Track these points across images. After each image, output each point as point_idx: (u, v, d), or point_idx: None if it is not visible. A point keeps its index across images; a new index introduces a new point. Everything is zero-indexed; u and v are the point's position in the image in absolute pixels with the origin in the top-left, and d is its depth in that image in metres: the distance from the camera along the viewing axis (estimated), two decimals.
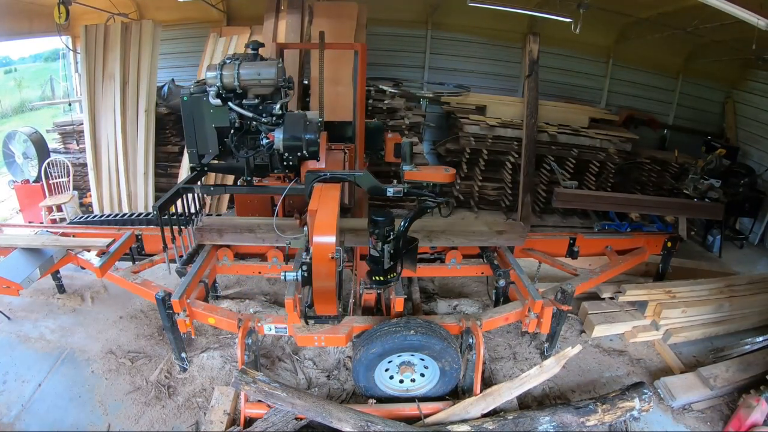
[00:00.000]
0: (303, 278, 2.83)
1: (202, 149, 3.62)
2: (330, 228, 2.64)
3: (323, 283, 2.56)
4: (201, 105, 3.44)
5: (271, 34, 6.55)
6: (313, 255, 2.57)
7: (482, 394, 3.29)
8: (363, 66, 4.57)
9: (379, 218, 2.98)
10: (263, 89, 3.42)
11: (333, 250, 2.60)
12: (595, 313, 4.43)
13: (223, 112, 3.44)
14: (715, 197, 6.16)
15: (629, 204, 6.24)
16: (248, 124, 3.53)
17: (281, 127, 3.46)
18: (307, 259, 2.79)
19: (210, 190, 3.82)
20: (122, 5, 7.38)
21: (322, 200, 2.98)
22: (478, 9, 6.51)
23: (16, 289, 3.57)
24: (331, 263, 2.58)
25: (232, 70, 3.28)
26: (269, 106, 3.48)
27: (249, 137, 3.60)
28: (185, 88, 3.49)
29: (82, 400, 3.46)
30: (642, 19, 6.85)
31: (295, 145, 3.49)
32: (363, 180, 3.36)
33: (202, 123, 3.50)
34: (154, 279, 3.93)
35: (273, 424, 3.06)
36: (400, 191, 3.30)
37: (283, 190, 3.55)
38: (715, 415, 3.53)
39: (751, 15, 3.83)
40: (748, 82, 7.40)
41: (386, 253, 3.01)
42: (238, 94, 3.40)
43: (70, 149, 7.15)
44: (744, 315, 4.46)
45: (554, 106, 7.52)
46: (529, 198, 6.84)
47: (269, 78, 3.33)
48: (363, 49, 4.48)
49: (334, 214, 2.81)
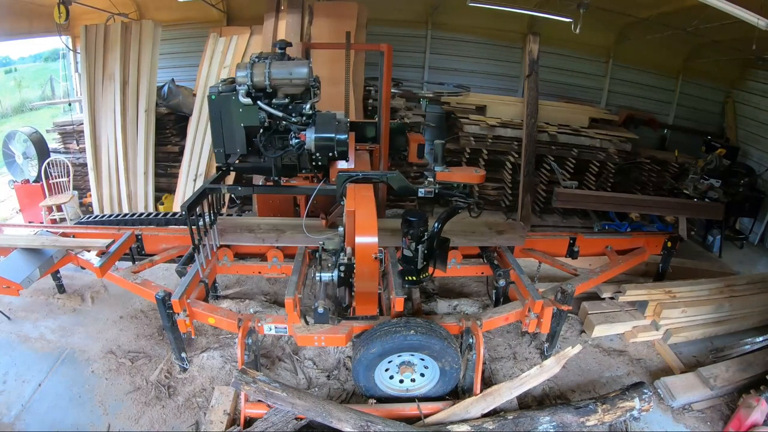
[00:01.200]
0: (339, 279, 2.82)
1: (230, 149, 3.57)
2: (372, 228, 2.65)
3: (366, 283, 2.56)
4: (229, 104, 3.40)
5: (271, 34, 6.55)
6: (356, 256, 2.55)
7: (482, 394, 3.29)
8: (389, 67, 4.54)
9: (413, 218, 2.97)
10: (294, 89, 3.40)
11: (376, 250, 2.60)
12: (595, 313, 4.43)
13: (253, 111, 3.40)
14: (715, 197, 6.17)
15: (629, 204, 6.24)
16: (277, 123, 3.50)
17: (312, 127, 3.44)
18: (344, 259, 2.78)
19: (237, 189, 3.76)
20: (122, 5, 7.38)
21: (358, 201, 2.98)
22: (478, 9, 6.52)
23: (16, 289, 3.58)
24: (375, 263, 2.59)
25: (263, 69, 3.26)
26: (299, 106, 3.46)
27: (277, 137, 3.57)
28: (213, 87, 3.44)
29: (82, 400, 3.46)
30: (642, 19, 6.85)
31: (327, 145, 3.47)
32: (394, 180, 3.36)
33: (230, 122, 3.44)
34: (154, 279, 3.93)
35: (273, 424, 3.06)
36: (431, 192, 3.32)
37: (310, 190, 3.53)
38: (715, 415, 3.53)
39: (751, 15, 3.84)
40: (748, 82, 7.40)
41: (420, 254, 3.01)
42: (267, 94, 3.38)
43: (70, 149, 7.15)
44: (744, 315, 4.46)
45: (554, 106, 7.53)
46: (529, 198, 6.83)
47: (301, 77, 3.31)
48: (389, 50, 4.46)
49: (373, 214, 2.81)
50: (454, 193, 3.30)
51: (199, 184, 6.34)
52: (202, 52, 6.89)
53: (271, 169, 3.70)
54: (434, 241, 3.14)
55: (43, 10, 6.80)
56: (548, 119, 7.18)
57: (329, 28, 6.43)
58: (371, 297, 2.64)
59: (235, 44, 6.71)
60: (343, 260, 2.80)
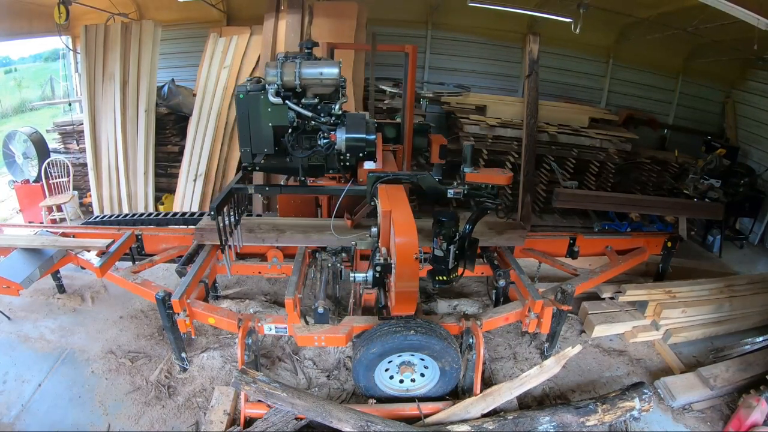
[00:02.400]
0: (374, 279, 2.82)
1: (257, 148, 3.52)
2: (411, 229, 2.65)
3: (407, 283, 2.57)
4: (258, 103, 3.36)
5: (271, 34, 6.55)
6: (397, 256, 2.56)
7: (482, 394, 3.29)
8: (413, 68, 4.53)
9: (445, 218, 2.97)
10: (324, 89, 3.39)
11: (417, 250, 2.60)
12: (595, 313, 4.43)
13: (282, 110, 3.37)
14: (715, 197, 6.17)
15: (629, 204, 6.24)
16: (305, 123, 3.48)
17: (342, 127, 3.43)
18: (380, 260, 2.78)
19: (265, 189, 3.74)
20: (122, 5, 7.38)
21: (393, 201, 2.98)
22: (478, 9, 6.52)
23: (16, 289, 3.58)
24: (415, 264, 2.58)
25: (293, 69, 3.24)
26: (327, 106, 3.45)
27: (304, 137, 3.55)
28: (241, 86, 3.42)
29: (82, 400, 3.46)
30: (642, 19, 6.85)
31: (358, 146, 3.46)
32: (424, 181, 3.36)
33: (258, 122, 3.41)
34: (154, 279, 3.93)
35: (273, 424, 3.06)
36: (460, 193, 3.34)
37: (339, 190, 3.52)
38: (715, 415, 3.53)
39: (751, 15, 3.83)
40: (748, 82, 7.40)
41: (451, 254, 3.01)
42: (296, 93, 3.37)
43: (70, 149, 7.16)
44: (744, 315, 4.46)
45: (554, 106, 7.52)
46: (529, 198, 6.83)
47: (331, 78, 3.30)
48: (413, 51, 4.44)
49: (410, 215, 2.82)
50: (483, 194, 3.32)
51: (199, 184, 6.34)
52: (202, 52, 6.89)
53: (296, 169, 3.68)
54: (465, 241, 3.15)
55: (43, 10, 6.80)
56: (548, 119, 7.18)
57: (329, 28, 6.43)
58: (412, 296, 2.65)
59: (235, 44, 6.71)
60: (379, 260, 2.80)
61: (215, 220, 3.23)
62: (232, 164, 6.65)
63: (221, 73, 6.58)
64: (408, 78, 4.58)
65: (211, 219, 3.22)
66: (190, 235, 4.10)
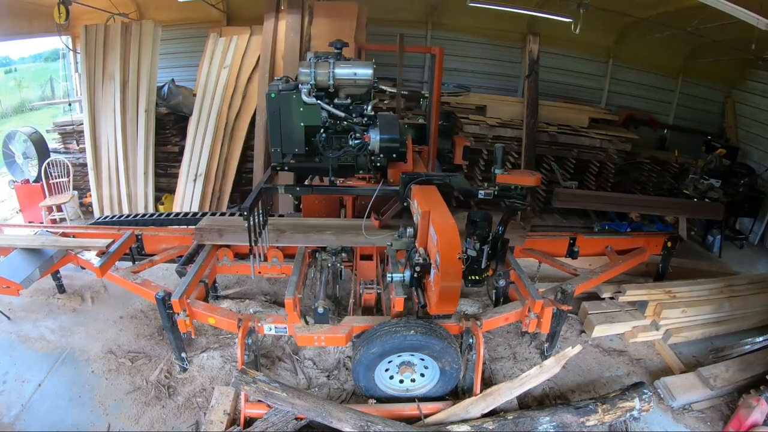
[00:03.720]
0: (412, 279, 2.85)
1: (287, 148, 3.52)
2: (453, 230, 2.67)
3: (450, 283, 2.59)
4: (290, 103, 3.35)
5: (271, 34, 6.55)
6: (441, 256, 2.57)
7: (482, 394, 3.29)
8: (440, 69, 4.54)
9: (479, 219, 2.98)
10: (357, 89, 3.39)
11: (459, 250, 2.62)
12: (595, 313, 4.43)
13: (314, 110, 3.37)
14: (715, 197, 6.17)
15: (629, 204, 6.25)
16: (336, 123, 3.48)
17: (376, 128, 3.43)
18: (419, 260, 2.81)
19: (296, 189, 3.72)
20: (122, 5, 7.38)
21: (430, 202, 2.99)
22: (478, 9, 6.52)
23: (16, 289, 3.58)
24: (458, 263, 2.60)
25: (327, 69, 3.24)
26: (359, 107, 3.46)
27: (334, 137, 3.55)
28: (272, 85, 3.41)
29: (82, 400, 3.46)
30: (642, 19, 6.84)
31: (392, 147, 3.46)
32: (456, 182, 3.39)
33: (289, 121, 3.40)
34: (154, 279, 3.93)
35: (273, 424, 3.06)
36: (490, 194, 3.36)
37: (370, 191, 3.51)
38: (715, 415, 3.53)
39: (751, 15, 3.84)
40: (748, 82, 7.40)
41: (485, 253, 3.02)
42: (328, 93, 3.37)
43: (70, 149, 7.15)
44: (744, 315, 4.46)
45: (554, 106, 7.52)
46: (529, 198, 6.84)
47: (365, 78, 3.30)
48: (440, 53, 4.45)
49: (450, 215, 2.83)
50: (512, 195, 3.35)
51: (199, 184, 6.34)
52: (202, 52, 6.89)
53: (325, 169, 3.67)
54: (498, 241, 3.17)
55: (43, 10, 6.80)
56: (548, 119, 7.17)
57: (329, 28, 6.43)
58: (455, 296, 2.68)
59: (235, 44, 6.71)
60: (418, 261, 2.82)
61: (247, 221, 3.23)
62: (232, 164, 6.65)
63: (221, 73, 6.59)
64: (435, 79, 4.58)
65: (243, 219, 3.22)
66: (190, 235, 4.10)
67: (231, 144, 6.63)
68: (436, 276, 2.68)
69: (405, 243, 3.18)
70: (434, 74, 4.55)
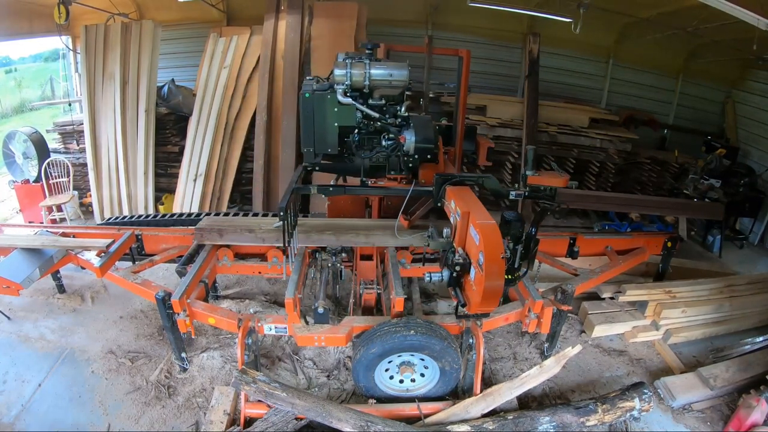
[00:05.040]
0: (451, 278, 2.88)
1: (320, 148, 3.50)
2: (495, 230, 2.69)
3: (494, 282, 2.62)
4: (325, 103, 3.34)
5: (271, 34, 6.55)
6: (485, 256, 2.60)
7: (482, 394, 3.29)
8: (467, 71, 4.56)
9: (511, 218, 2.99)
10: (391, 90, 3.39)
11: (503, 250, 2.64)
12: (595, 313, 4.43)
13: (349, 111, 3.37)
14: (715, 197, 6.16)
15: (629, 204, 6.24)
16: (369, 124, 3.48)
17: (411, 129, 3.44)
18: (459, 260, 2.83)
19: (329, 190, 3.68)
20: (122, 5, 7.38)
21: (468, 203, 3.00)
22: (478, 9, 6.51)
23: (16, 289, 3.58)
24: (502, 263, 2.63)
25: (363, 69, 3.25)
26: (392, 108, 3.46)
27: (366, 138, 3.56)
28: (306, 84, 3.40)
29: (82, 400, 3.46)
30: (642, 19, 6.84)
31: (427, 148, 3.46)
32: (489, 183, 3.39)
33: (323, 121, 3.39)
34: (154, 279, 3.93)
35: (273, 424, 3.06)
36: (521, 194, 3.40)
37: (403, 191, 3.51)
38: (715, 415, 3.53)
39: (751, 15, 3.83)
40: (748, 82, 7.39)
41: (518, 254, 3.04)
42: (363, 94, 3.37)
43: (70, 149, 7.15)
44: (744, 315, 4.46)
45: (554, 106, 7.52)
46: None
47: (401, 79, 3.31)
48: (467, 55, 4.47)
49: (489, 216, 2.84)
50: (542, 196, 3.40)
51: (199, 184, 6.34)
52: (202, 52, 6.89)
53: (356, 169, 3.66)
54: (531, 241, 3.21)
55: (43, 10, 6.80)
56: (548, 119, 7.17)
57: (329, 28, 6.43)
58: (498, 294, 2.71)
59: (235, 44, 6.71)
60: (458, 260, 2.85)
61: (283, 221, 3.22)
62: (232, 164, 6.65)
63: (221, 73, 6.59)
64: (462, 82, 4.59)
65: (279, 220, 3.22)
66: (190, 235, 4.10)
67: (231, 144, 6.63)
68: (478, 275, 2.70)
69: (441, 243, 3.20)
70: (461, 76, 4.58)
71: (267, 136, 6.42)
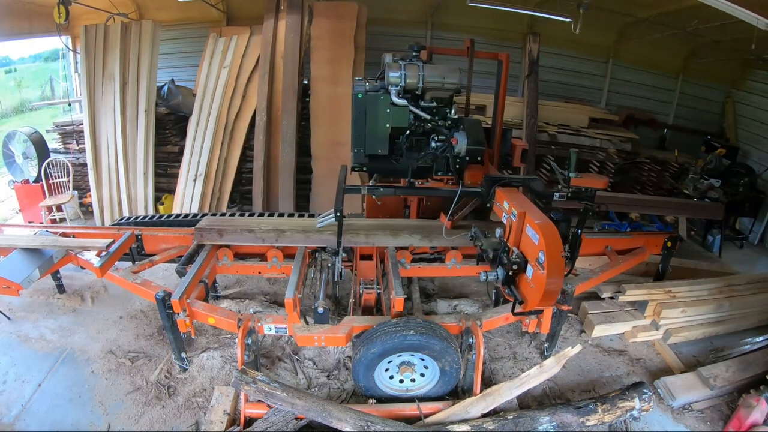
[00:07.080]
0: (506, 277, 2.93)
1: (371, 149, 3.52)
2: (554, 229, 2.73)
3: (556, 279, 2.68)
4: (377, 104, 3.36)
5: (270, 34, 6.55)
6: (546, 255, 2.64)
7: (482, 394, 3.29)
8: (506, 74, 4.61)
9: (558, 218, 3.00)
10: (443, 93, 3.43)
11: (562, 249, 2.69)
12: (595, 313, 4.43)
13: (402, 112, 3.39)
14: (715, 197, 6.16)
15: (629, 204, 6.24)
16: (420, 126, 3.51)
17: (462, 132, 3.48)
18: (516, 259, 2.88)
19: (379, 191, 3.69)
20: (122, 5, 7.37)
21: (522, 203, 3.06)
22: (478, 9, 6.51)
23: (16, 289, 3.58)
24: (563, 261, 2.69)
25: (417, 72, 3.28)
26: (442, 110, 3.49)
27: (415, 139, 3.58)
28: (359, 85, 3.41)
29: (82, 400, 3.46)
30: (642, 19, 6.84)
31: (478, 150, 3.52)
32: (534, 185, 3.47)
33: (375, 122, 3.41)
34: (154, 279, 3.93)
35: (273, 424, 3.06)
36: (564, 196, 3.47)
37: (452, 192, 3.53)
38: (715, 415, 3.53)
39: (751, 15, 3.83)
40: (748, 82, 7.39)
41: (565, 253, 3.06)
42: (414, 96, 3.40)
43: (70, 149, 7.15)
44: (744, 315, 4.46)
45: (554, 106, 7.52)
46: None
47: (453, 82, 3.36)
48: (507, 59, 4.53)
49: (545, 216, 2.89)
50: (583, 197, 3.46)
51: (199, 184, 6.34)
52: (202, 52, 6.89)
53: (403, 171, 3.67)
54: (577, 240, 3.26)
55: (43, 10, 6.79)
56: (548, 119, 7.18)
57: (329, 28, 6.43)
58: (557, 292, 2.78)
59: (235, 44, 6.71)
60: (515, 260, 2.90)
61: (339, 222, 3.25)
62: (232, 164, 6.65)
63: (221, 73, 6.59)
64: (501, 85, 4.64)
65: (335, 220, 3.26)
66: (189, 235, 4.10)
67: (231, 144, 6.63)
68: (537, 274, 2.74)
69: (494, 243, 3.23)
70: (500, 80, 4.64)
71: (267, 136, 6.42)
